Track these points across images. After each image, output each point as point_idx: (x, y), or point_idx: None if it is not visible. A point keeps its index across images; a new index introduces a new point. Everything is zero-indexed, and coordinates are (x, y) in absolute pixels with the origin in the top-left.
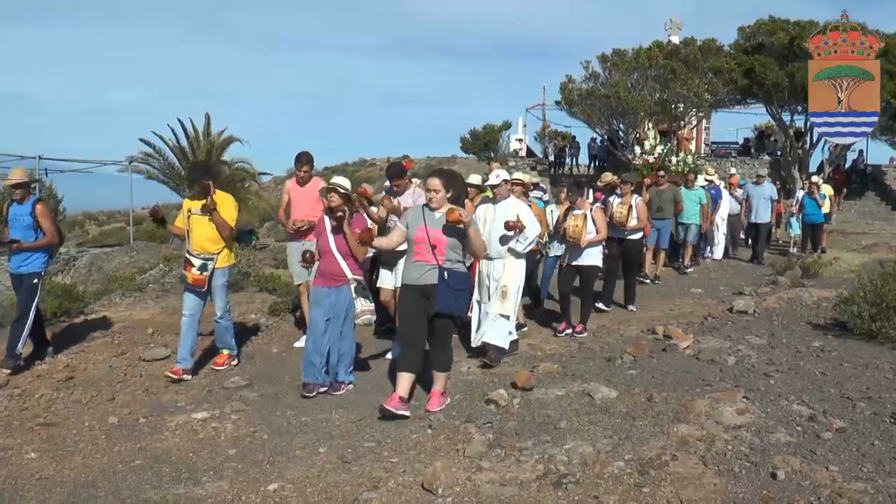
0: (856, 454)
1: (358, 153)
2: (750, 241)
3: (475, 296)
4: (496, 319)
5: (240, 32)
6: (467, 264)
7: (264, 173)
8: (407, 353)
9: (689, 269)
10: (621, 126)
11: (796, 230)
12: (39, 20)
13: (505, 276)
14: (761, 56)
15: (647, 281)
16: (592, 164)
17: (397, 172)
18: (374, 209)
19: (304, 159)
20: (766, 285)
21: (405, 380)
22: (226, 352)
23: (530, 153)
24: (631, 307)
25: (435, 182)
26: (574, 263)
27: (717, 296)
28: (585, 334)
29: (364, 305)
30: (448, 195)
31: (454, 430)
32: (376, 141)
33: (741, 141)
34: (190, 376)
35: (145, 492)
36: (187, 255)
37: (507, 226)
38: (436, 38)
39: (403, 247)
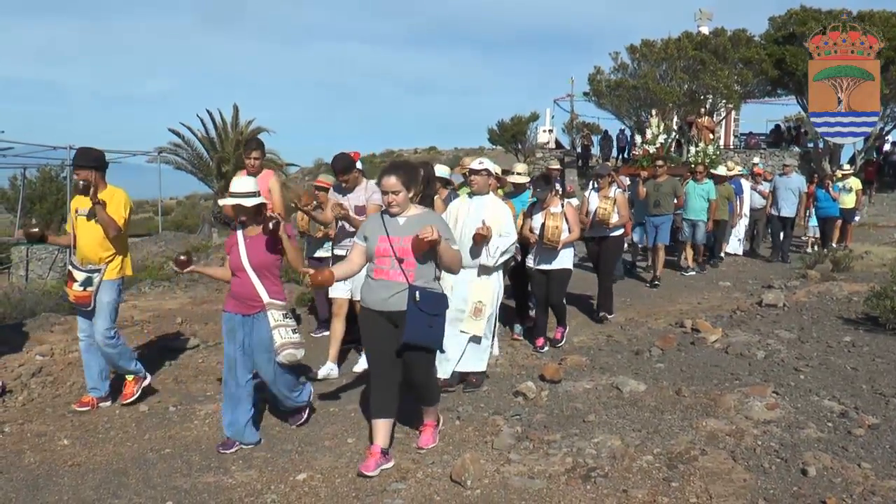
0: (889, 451)
1: (385, 144)
2: (772, 237)
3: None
4: (471, 342)
5: (268, 23)
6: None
7: (291, 164)
8: (379, 396)
9: (690, 272)
10: (648, 118)
11: (814, 222)
12: (69, 10)
13: (479, 290)
14: (792, 46)
15: (653, 283)
16: (620, 157)
17: (344, 166)
18: (319, 212)
19: (253, 145)
20: (796, 279)
21: (382, 428)
22: (130, 377)
23: (558, 145)
24: (606, 315)
25: (391, 181)
26: (543, 268)
27: (746, 289)
28: (563, 341)
29: (285, 337)
30: (410, 194)
31: (482, 423)
32: (403, 132)
33: (771, 132)
34: (109, 402)
35: (175, 480)
36: (70, 268)
37: (476, 239)
38: (463, 28)
39: None
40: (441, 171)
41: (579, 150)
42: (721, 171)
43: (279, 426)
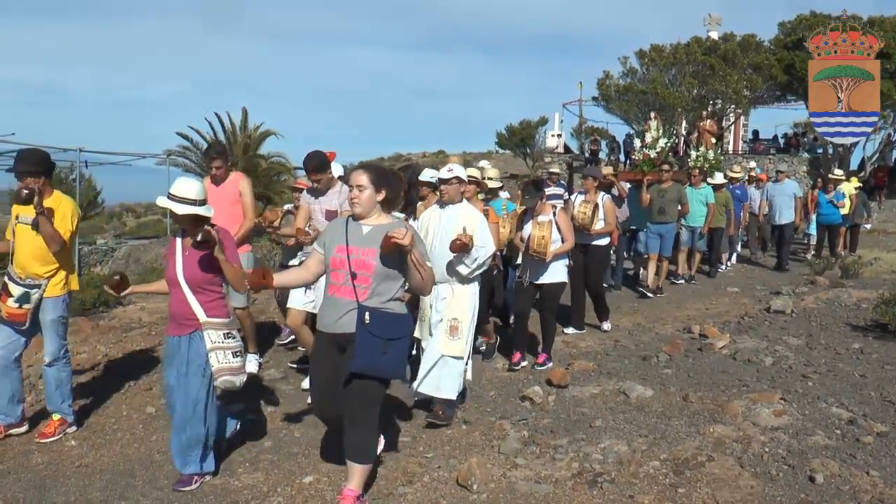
0: None
1: (393, 148)
2: (774, 246)
3: (417, 331)
4: (443, 363)
5: (277, 27)
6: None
7: (300, 167)
8: (331, 434)
9: (680, 279)
10: (648, 120)
11: (813, 230)
12: (79, 13)
13: (454, 306)
14: (802, 52)
15: (650, 294)
16: (628, 161)
17: (316, 165)
18: (288, 229)
19: (212, 152)
20: (804, 285)
21: (352, 470)
22: (56, 417)
23: (567, 149)
24: (605, 325)
25: (360, 176)
26: (534, 282)
27: (754, 295)
28: (550, 364)
29: (222, 361)
30: (380, 196)
31: (489, 427)
32: (412, 135)
33: (781, 137)
34: (24, 428)
35: None
36: (6, 280)
37: (453, 247)
38: (472, 31)
39: None
40: (427, 174)
41: (588, 154)
42: (718, 179)
43: (285, 429)
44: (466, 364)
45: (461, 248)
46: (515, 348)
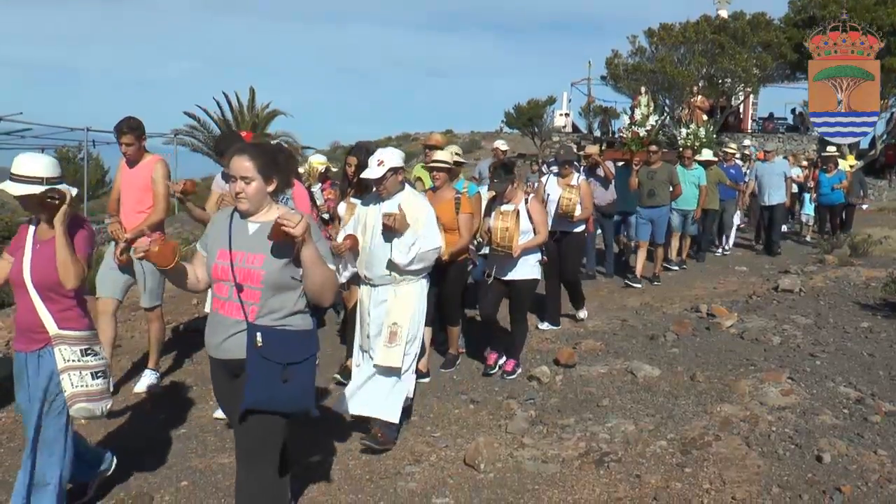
0: None
1: (401, 127)
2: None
3: (356, 339)
4: (381, 377)
5: (285, 5)
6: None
7: (308, 147)
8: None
9: (674, 266)
10: (667, 102)
11: (808, 210)
12: None
13: (394, 309)
14: (812, 30)
15: (636, 284)
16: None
17: (227, 147)
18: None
19: (123, 126)
20: (813, 264)
21: None
22: None
23: (575, 128)
24: (581, 314)
25: (244, 163)
26: (502, 278)
27: (762, 274)
28: (519, 371)
29: (77, 386)
30: (271, 187)
31: (497, 406)
32: (420, 115)
33: (792, 115)
34: None
35: (190, 460)
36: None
37: (385, 223)
38: (480, 10)
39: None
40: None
41: (597, 133)
42: (706, 155)
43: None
44: (410, 379)
45: (392, 226)
46: (491, 348)
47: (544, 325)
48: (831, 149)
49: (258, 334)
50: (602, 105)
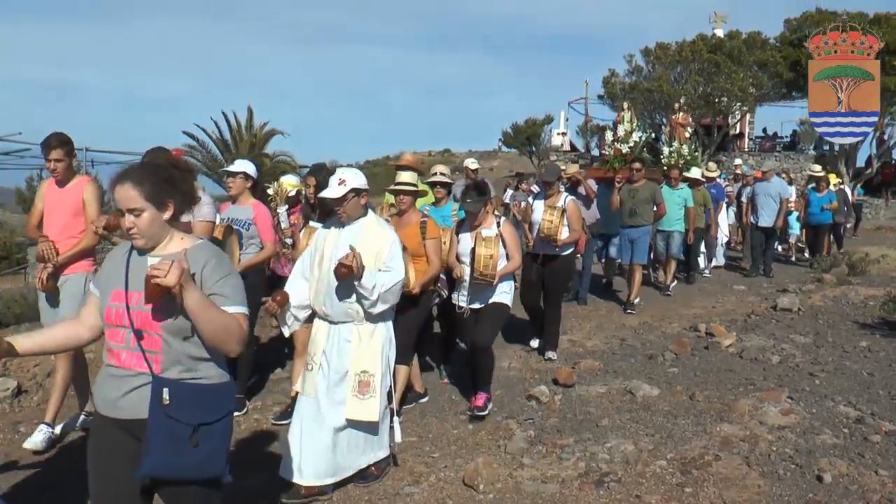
0: None
1: (399, 146)
2: (751, 249)
3: (299, 385)
4: (355, 429)
5: (282, 25)
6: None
7: (305, 166)
8: None
9: (671, 290)
10: (664, 120)
11: (795, 229)
12: (85, 12)
13: (361, 354)
14: (807, 49)
15: (633, 303)
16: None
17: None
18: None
19: (52, 142)
20: (811, 282)
21: None
22: None
23: (573, 147)
24: (550, 354)
25: (128, 192)
26: (478, 307)
27: (761, 293)
28: (491, 407)
29: None
30: (168, 213)
31: (496, 426)
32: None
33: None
34: None
35: None
36: None
37: (337, 273)
38: (478, 30)
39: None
40: (288, 179)
41: (595, 153)
42: (694, 174)
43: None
44: (391, 420)
45: (346, 274)
46: (477, 388)
47: (535, 342)
48: (816, 167)
49: (165, 390)
50: (599, 124)
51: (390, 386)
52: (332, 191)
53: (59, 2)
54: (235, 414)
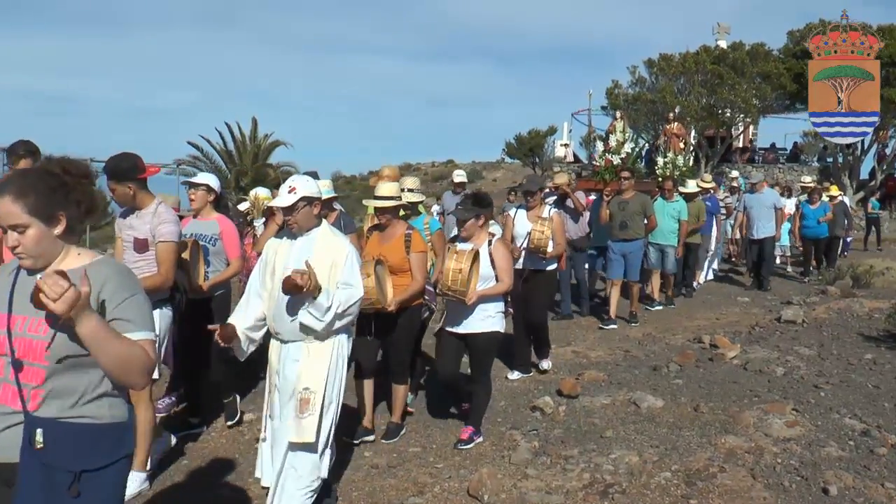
0: None
1: (403, 157)
2: (752, 262)
3: (265, 406)
4: (293, 455)
5: (286, 37)
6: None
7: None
8: None
9: (657, 305)
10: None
11: (785, 241)
12: (90, 23)
13: (306, 372)
14: (808, 48)
15: (608, 326)
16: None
17: (113, 170)
18: None
19: (20, 150)
20: (816, 295)
21: None
22: None
23: (576, 159)
24: (545, 364)
25: (6, 208)
26: (457, 331)
27: (765, 305)
28: (479, 439)
29: None
30: (59, 227)
31: (500, 437)
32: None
33: (790, 147)
34: None
35: (195, 492)
36: None
37: (284, 287)
38: (481, 41)
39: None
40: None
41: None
42: (690, 187)
43: None
44: (325, 453)
45: (293, 288)
46: (466, 421)
47: (514, 375)
48: (807, 178)
49: (39, 431)
50: (601, 135)
51: (336, 413)
52: (282, 199)
53: (65, 13)
54: (229, 423)
